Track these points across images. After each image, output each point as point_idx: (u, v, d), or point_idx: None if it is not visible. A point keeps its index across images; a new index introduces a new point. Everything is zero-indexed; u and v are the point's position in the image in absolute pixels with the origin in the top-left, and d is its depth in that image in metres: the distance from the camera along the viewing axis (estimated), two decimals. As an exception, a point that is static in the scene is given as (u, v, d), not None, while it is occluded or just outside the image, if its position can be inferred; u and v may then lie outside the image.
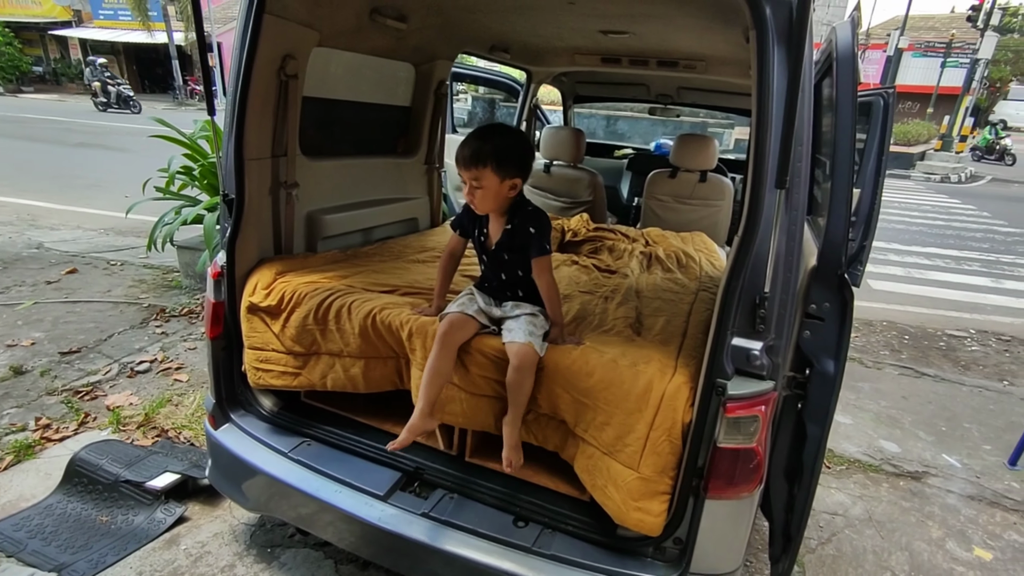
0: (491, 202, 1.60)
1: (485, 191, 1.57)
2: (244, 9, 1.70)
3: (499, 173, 1.55)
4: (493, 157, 1.53)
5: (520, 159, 1.60)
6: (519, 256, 1.65)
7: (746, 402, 1.28)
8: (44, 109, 19.12)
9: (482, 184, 1.56)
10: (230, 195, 1.81)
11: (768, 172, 1.19)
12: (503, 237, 1.65)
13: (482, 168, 1.54)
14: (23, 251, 5.07)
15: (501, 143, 1.57)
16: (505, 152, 1.56)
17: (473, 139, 1.57)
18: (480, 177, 1.55)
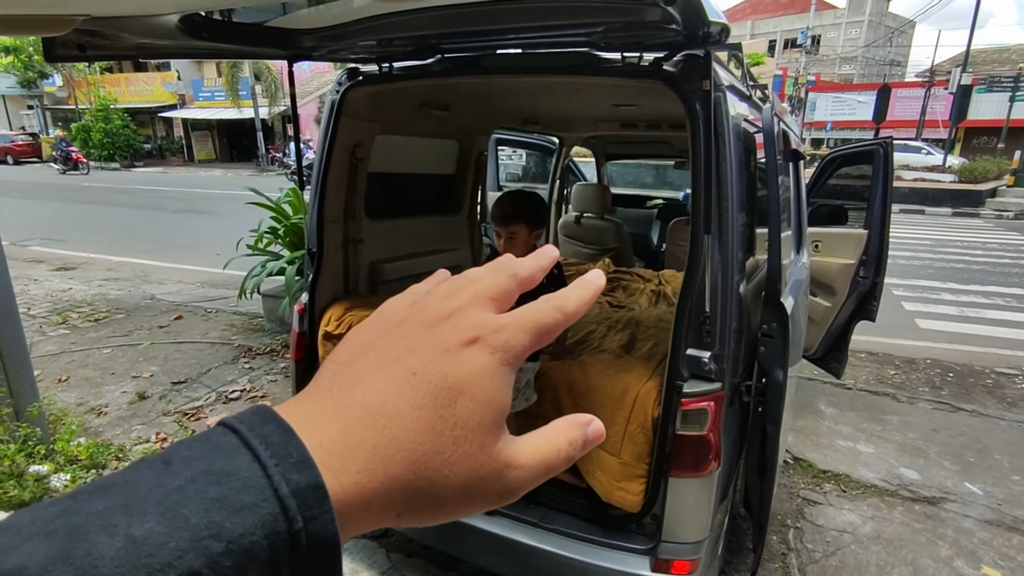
0: (522, 249, 2.05)
1: (518, 241, 2.04)
2: (327, 113, 2.30)
3: (529, 226, 2.04)
4: (525, 215, 2.03)
5: (542, 217, 2.10)
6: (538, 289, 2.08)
7: (697, 398, 1.63)
8: (151, 181, 21.71)
9: (516, 237, 2.03)
10: (313, 249, 2.38)
11: (700, 221, 1.59)
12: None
13: (516, 224, 2.02)
14: (140, 301, 6.00)
15: (528, 204, 2.06)
16: (532, 212, 2.05)
17: (505, 202, 2.06)
18: (515, 231, 2.03)
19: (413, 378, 0.29)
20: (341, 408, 0.28)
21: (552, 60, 1.89)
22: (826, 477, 3.15)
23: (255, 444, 0.25)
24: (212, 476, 0.23)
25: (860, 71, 42.21)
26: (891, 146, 3.44)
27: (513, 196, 2.09)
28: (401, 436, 0.27)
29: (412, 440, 0.27)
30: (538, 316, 0.33)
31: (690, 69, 1.62)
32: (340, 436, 0.27)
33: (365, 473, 0.26)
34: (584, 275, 0.36)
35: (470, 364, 0.29)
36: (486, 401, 0.29)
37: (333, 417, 0.27)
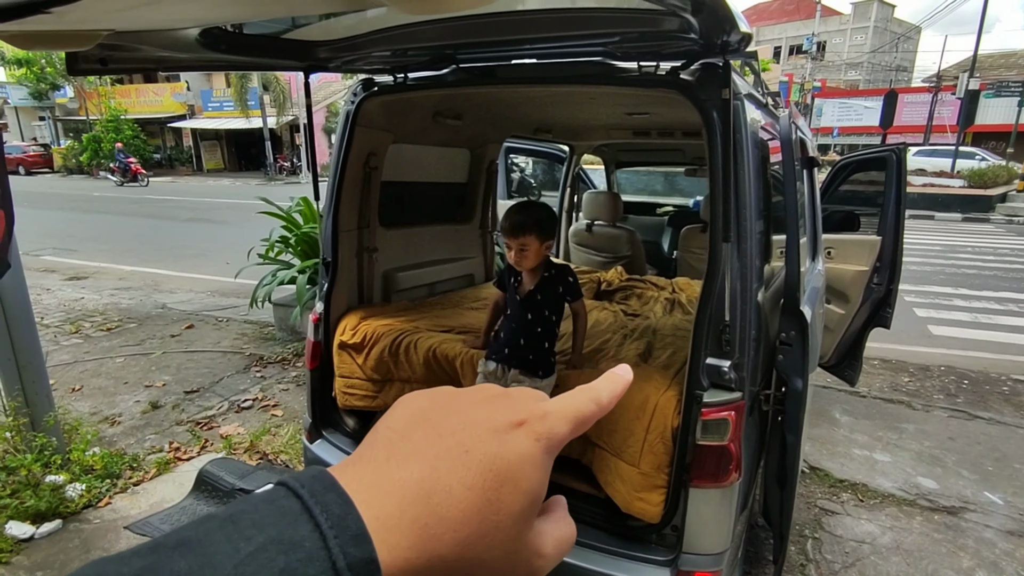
0: (533, 260, 2.02)
1: (529, 251, 2.01)
2: (342, 123, 2.32)
3: (540, 238, 2.01)
4: (536, 227, 2.00)
5: (552, 227, 2.07)
6: (552, 298, 2.06)
7: (717, 408, 1.62)
8: (160, 190, 21.91)
9: (528, 248, 2.00)
10: (328, 258, 2.38)
11: (719, 229, 1.58)
12: (541, 282, 2.06)
13: (527, 235, 1.99)
14: (152, 311, 6.04)
15: (539, 215, 2.03)
16: (542, 223, 2.02)
17: (515, 214, 2.04)
18: (526, 243, 1.99)
19: (465, 456, 0.30)
20: (397, 481, 0.28)
21: (567, 70, 1.89)
22: (843, 486, 3.11)
23: (317, 513, 0.26)
24: (280, 545, 0.24)
25: (866, 77, 42.12)
26: (904, 152, 3.42)
27: (523, 207, 2.08)
28: (451, 515, 0.28)
29: (460, 520, 0.28)
30: (578, 407, 0.35)
31: (707, 78, 1.62)
32: (395, 511, 0.27)
33: (415, 550, 0.27)
34: (614, 369, 0.39)
35: (516, 448, 0.31)
36: (528, 489, 0.30)
37: (389, 490, 0.28)
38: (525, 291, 2.09)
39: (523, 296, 2.08)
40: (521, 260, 2.02)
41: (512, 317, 2.09)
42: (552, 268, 2.08)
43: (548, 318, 2.06)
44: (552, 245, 2.08)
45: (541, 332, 2.04)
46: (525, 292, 2.08)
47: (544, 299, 2.06)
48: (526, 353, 2.02)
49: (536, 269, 2.08)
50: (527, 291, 2.08)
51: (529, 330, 2.03)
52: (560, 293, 2.06)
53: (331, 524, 0.25)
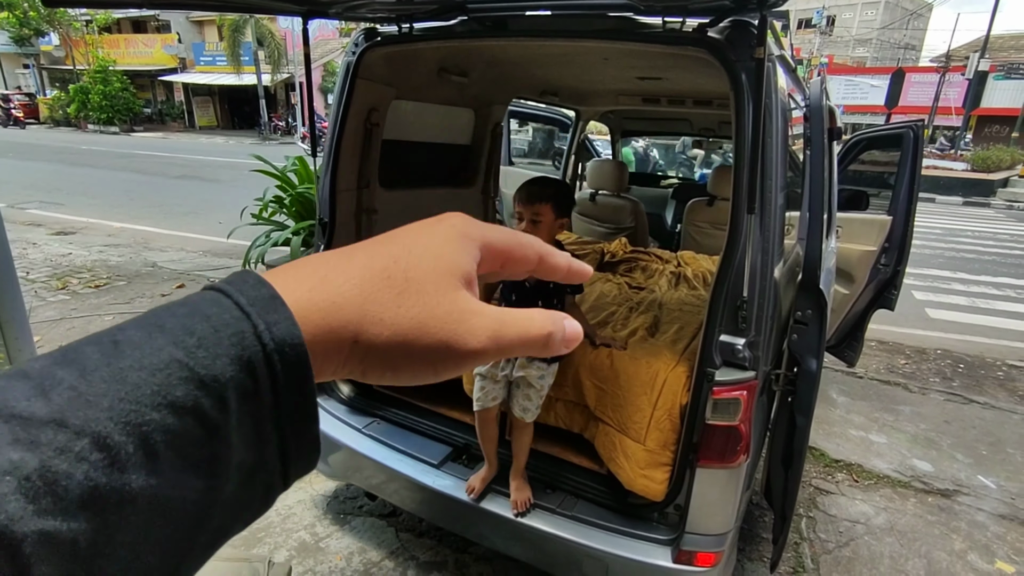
0: (544, 236, 1.81)
1: (541, 225, 1.83)
2: (342, 75, 2.18)
3: (556, 211, 1.85)
4: (552, 198, 1.84)
5: (569, 205, 1.92)
6: (559, 288, 1.91)
7: (729, 387, 1.56)
8: (150, 146, 21.40)
9: (541, 219, 1.84)
10: (325, 218, 2.28)
11: (742, 200, 1.50)
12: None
13: (543, 205, 1.83)
14: (141, 268, 5.91)
15: (557, 188, 1.90)
16: (560, 196, 1.87)
17: (532, 184, 1.89)
18: (540, 213, 1.83)
19: (375, 240, 0.32)
20: (301, 263, 0.30)
21: (585, 23, 1.77)
22: (838, 467, 3.11)
23: (220, 284, 0.26)
24: (183, 303, 0.25)
25: (874, 54, 41.43)
26: (922, 129, 3.31)
27: (541, 179, 1.94)
28: (350, 268, 0.29)
29: (361, 266, 0.29)
30: (515, 235, 0.36)
31: (738, 36, 1.51)
32: (291, 269, 0.29)
33: (316, 291, 0.28)
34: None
35: (430, 231, 0.33)
36: (439, 254, 0.31)
37: (292, 266, 0.29)
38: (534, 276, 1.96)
39: (533, 283, 1.91)
40: (531, 233, 1.90)
41: (518, 303, 1.94)
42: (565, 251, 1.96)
43: (555, 306, 1.94)
44: (566, 224, 1.94)
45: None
46: (534, 278, 1.95)
47: (556, 287, 1.90)
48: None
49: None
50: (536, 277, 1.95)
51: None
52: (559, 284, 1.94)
53: (230, 283, 0.26)
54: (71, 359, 0.22)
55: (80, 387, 0.21)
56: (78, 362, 0.22)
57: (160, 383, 0.22)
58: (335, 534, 2.40)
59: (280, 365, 0.25)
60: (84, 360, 0.22)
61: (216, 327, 0.24)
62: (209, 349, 0.23)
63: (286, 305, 0.26)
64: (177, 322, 0.24)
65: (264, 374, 0.24)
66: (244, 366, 0.24)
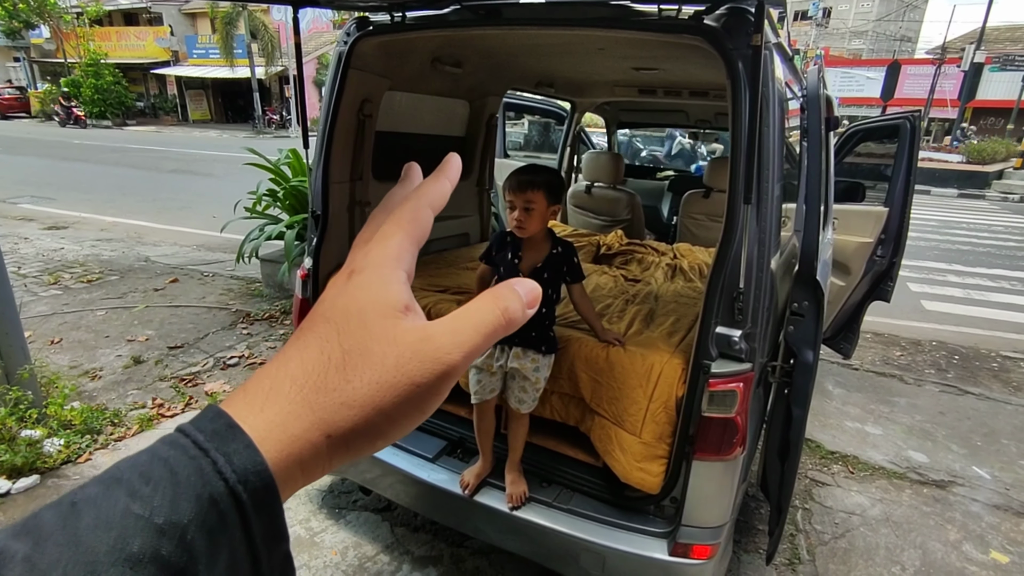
0: (537, 223, 1.82)
1: (535, 213, 1.80)
2: (333, 65, 2.15)
3: (548, 198, 1.81)
4: (544, 185, 1.80)
5: (560, 192, 1.88)
6: (555, 278, 1.88)
7: (726, 379, 1.55)
8: (143, 140, 21.23)
9: (534, 206, 1.79)
10: (317, 211, 2.25)
11: (739, 190, 1.48)
12: (547, 260, 1.86)
13: (535, 192, 1.78)
14: (134, 263, 5.86)
15: (549, 175, 1.85)
16: (552, 182, 1.84)
17: (524, 172, 1.86)
18: (533, 200, 1.78)
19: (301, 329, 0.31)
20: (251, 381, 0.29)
21: (580, 11, 1.74)
22: (834, 458, 3.11)
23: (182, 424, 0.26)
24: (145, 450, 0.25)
25: (870, 46, 41.37)
26: (919, 120, 3.30)
27: (532, 167, 1.91)
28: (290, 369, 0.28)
29: (299, 362, 0.29)
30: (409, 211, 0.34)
31: (735, 24, 1.49)
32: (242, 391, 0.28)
33: (268, 407, 0.27)
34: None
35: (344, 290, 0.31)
36: (362, 308, 0.30)
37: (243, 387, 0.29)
38: (529, 267, 1.87)
39: (527, 274, 1.85)
40: (525, 221, 1.82)
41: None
42: (560, 245, 1.89)
43: (551, 297, 1.88)
44: (558, 212, 1.92)
45: (545, 312, 1.85)
46: (529, 269, 1.87)
47: (550, 278, 1.87)
48: (528, 330, 1.82)
49: (541, 243, 1.89)
50: (532, 267, 1.87)
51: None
52: (563, 272, 1.89)
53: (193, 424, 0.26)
54: (28, 528, 0.22)
55: (34, 558, 0.21)
56: (34, 531, 0.22)
57: (115, 539, 0.22)
58: (330, 528, 2.39)
59: (246, 494, 0.25)
60: (40, 528, 0.22)
61: (174, 469, 0.24)
62: (167, 493, 0.23)
63: (244, 432, 0.26)
64: (135, 471, 0.24)
65: (230, 506, 0.24)
66: (207, 503, 0.24)
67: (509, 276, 1.90)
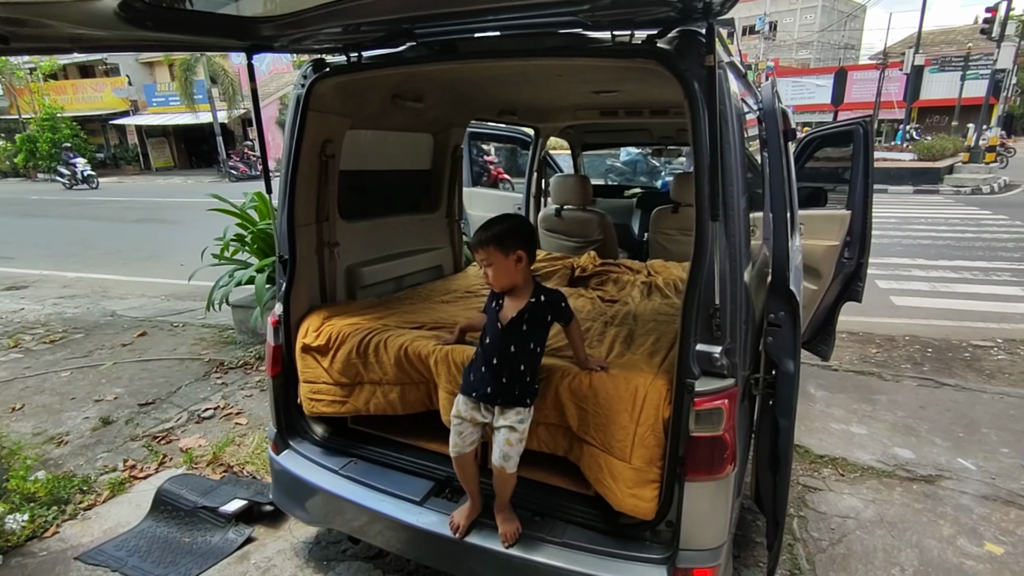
0: (504, 277, 1.76)
1: (496, 267, 1.75)
2: (292, 108, 2.13)
3: (502, 250, 1.74)
4: (495, 238, 1.74)
5: (517, 235, 1.77)
6: (538, 328, 1.79)
7: (710, 396, 1.54)
8: (106, 191, 20.82)
9: (491, 261, 1.75)
10: (285, 256, 2.20)
11: (705, 207, 1.49)
12: (527, 308, 1.76)
13: (486, 248, 1.75)
14: (100, 319, 5.67)
15: (500, 226, 1.77)
16: (503, 232, 1.75)
17: (480, 229, 1.80)
18: (488, 256, 1.75)
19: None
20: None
21: (535, 42, 1.76)
22: (823, 462, 3.12)
23: None
24: None
25: (816, 55, 43.17)
26: (871, 125, 3.41)
27: (492, 219, 1.84)
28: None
29: None
30: None
31: (687, 46, 1.51)
32: None
33: None
34: None
35: None
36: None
37: None
38: (508, 317, 1.77)
39: (505, 323, 1.77)
40: (491, 277, 1.78)
41: (492, 347, 1.78)
42: (542, 293, 1.80)
43: (533, 351, 1.79)
44: (524, 256, 1.77)
45: (524, 369, 1.77)
46: (508, 318, 1.77)
47: (530, 329, 1.77)
48: (510, 388, 1.75)
49: (521, 292, 1.80)
50: (510, 317, 1.77)
51: (512, 365, 1.75)
52: (549, 321, 1.83)
53: None
54: None
55: None
56: None
57: None
58: (319, 584, 2.29)
59: None
60: None
61: None
62: None
63: None
64: None
65: None
66: None
67: (491, 324, 1.84)
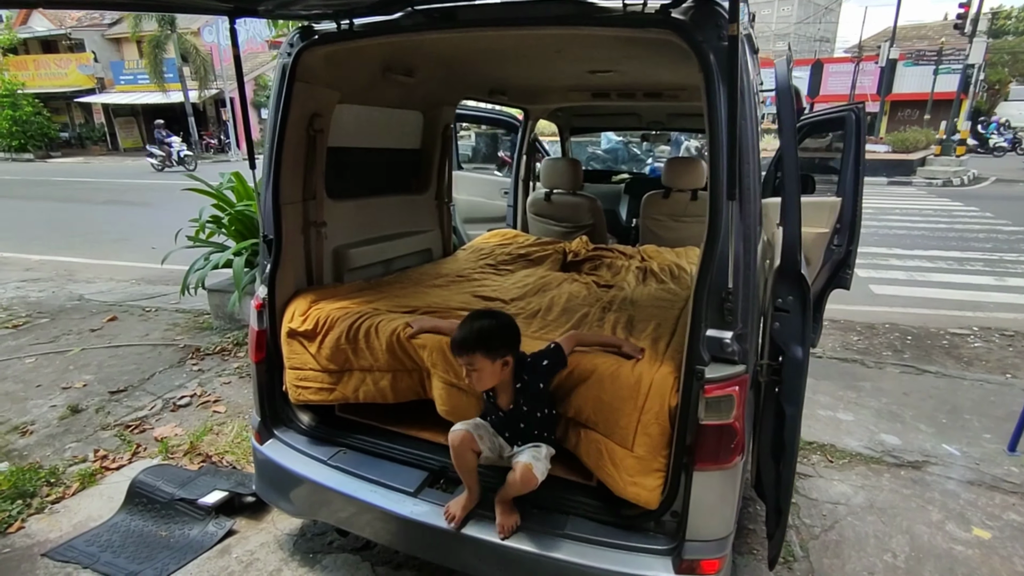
0: (488, 381, 1.67)
1: (480, 373, 1.64)
2: (278, 78, 2.00)
3: (489, 356, 1.63)
4: (481, 344, 1.62)
5: (504, 338, 1.67)
6: (539, 398, 1.73)
7: (721, 384, 1.48)
8: (71, 171, 20.04)
9: (476, 367, 1.63)
10: (269, 236, 2.08)
11: (721, 187, 1.42)
12: (517, 395, 1.72)
13: (472, 354, 1.63)
14: (66, 303, 5.43)
15: (485, 328, 1.65)
16: (490, 335, 1.64)
17: (460, 327, 1.68)
18: (473, 361, 1.63)
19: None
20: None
21: (541, 10, 1.66)
22: (812, 448, 3.13)
23: None
24: None
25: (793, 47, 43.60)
26: (863, 111, 3.39)
27: (473, 316, 1.72)
28: None
29: None
30: None
31: (704, 16, 1.44)
32: None
33: None
34: None
35: None
36: None
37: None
38: (507, 406, 1.76)
39: (508, 412, 1.76)
40: (476, 381, 1.66)
41: (502, 427, 1.79)
42: (525, 372, 1.70)
43: (548, 416, 1.77)
44: (511, 361, 1.67)
45: (537, 434, 1.76)
46: (508, 407, 1.76)
47: (531, 407, 1.74)
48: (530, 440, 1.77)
49: (508, 382, 1.73)
50: (509, 407, 1.76)
51: (526, 433, 1.76)
52: (544, 387, 1.73)
53: None
54: None
55: None
56: None
57: None
58: (305, 577, 2.20)
59: None
60: None
61: None
62: None
63: None
64: None
65: None
66: None
67: (492, 410, 1.76)
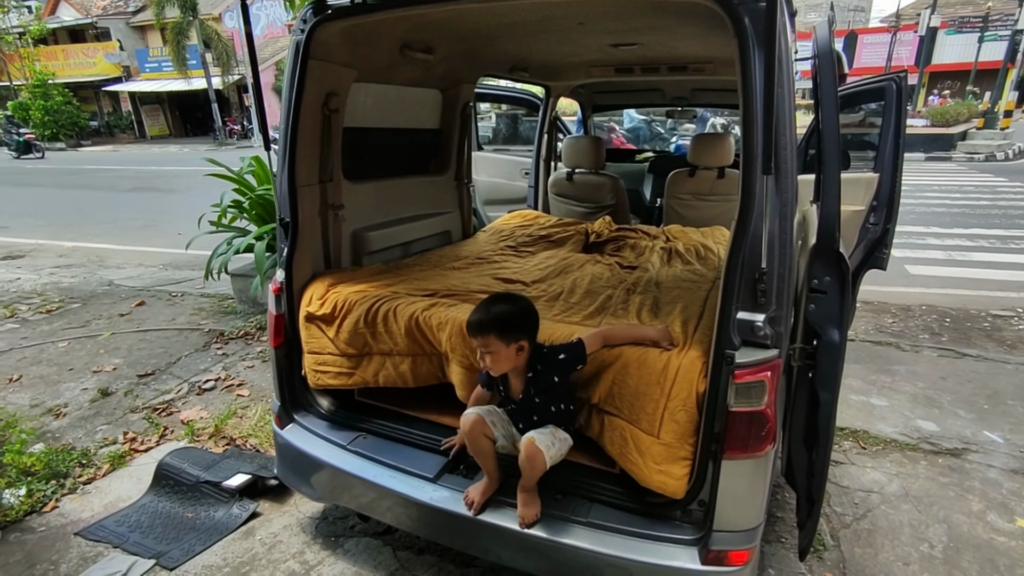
0: (504, 364, 1.65)
1: (495, 355, 1.62)
2: (292, 56, 1.95)
3: (503, 339, 1.60)
4: (496, 325, 1.60)
5: (521, 322, 1.64)
6: (553, 391, 1.69)
7: (752, 369, 1.41)
8: (100, 160, 20.49)
9: (491, 349, 1.61)
10: (286, 219, 2.06)
11: (756, 161, 1.34)
12: (528, 385, 1.70)
13: (487, 336, 1.60)
14: (97, 288, 5.55)
15: (501, 311, 1.62)
16: (506, 319, 1.61)
17: (476, 310, 1.65)
18: (488, 344, 1.60)
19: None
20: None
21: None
22: (844, 435, 3.02)
23: None
24: None
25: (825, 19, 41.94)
26: (905, 81, 3.20)
27: (491, 299, 1.69)
28: None
29: None
30: None
31: (738, -24, 1.34)
32: None
33: None
34: None
35: None
36: None
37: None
38: (517, 395, 1.74)
39: (519, 402, 1.74)
40: (490, 364, 1.63)
41: (517, 417, 1.77)
42: (539, 362, 1.67)
43: (561, 409, 1.72)
44: (527, 346, 1.64)
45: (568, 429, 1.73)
46: (518, 397, 1.74)
47: (544, 400, 1.71)
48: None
49: (522, 369, 1.70)
50: (519, 396, 1.74)
51: (540, 427, 1.70)
52: (559, 382, 1.68)
53: None
54: None
55: None
56: None
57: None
58: (327, 560, 2.21)
59: None
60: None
61: None
62: None
63: None
64: None
65: None
66: None
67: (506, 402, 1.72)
